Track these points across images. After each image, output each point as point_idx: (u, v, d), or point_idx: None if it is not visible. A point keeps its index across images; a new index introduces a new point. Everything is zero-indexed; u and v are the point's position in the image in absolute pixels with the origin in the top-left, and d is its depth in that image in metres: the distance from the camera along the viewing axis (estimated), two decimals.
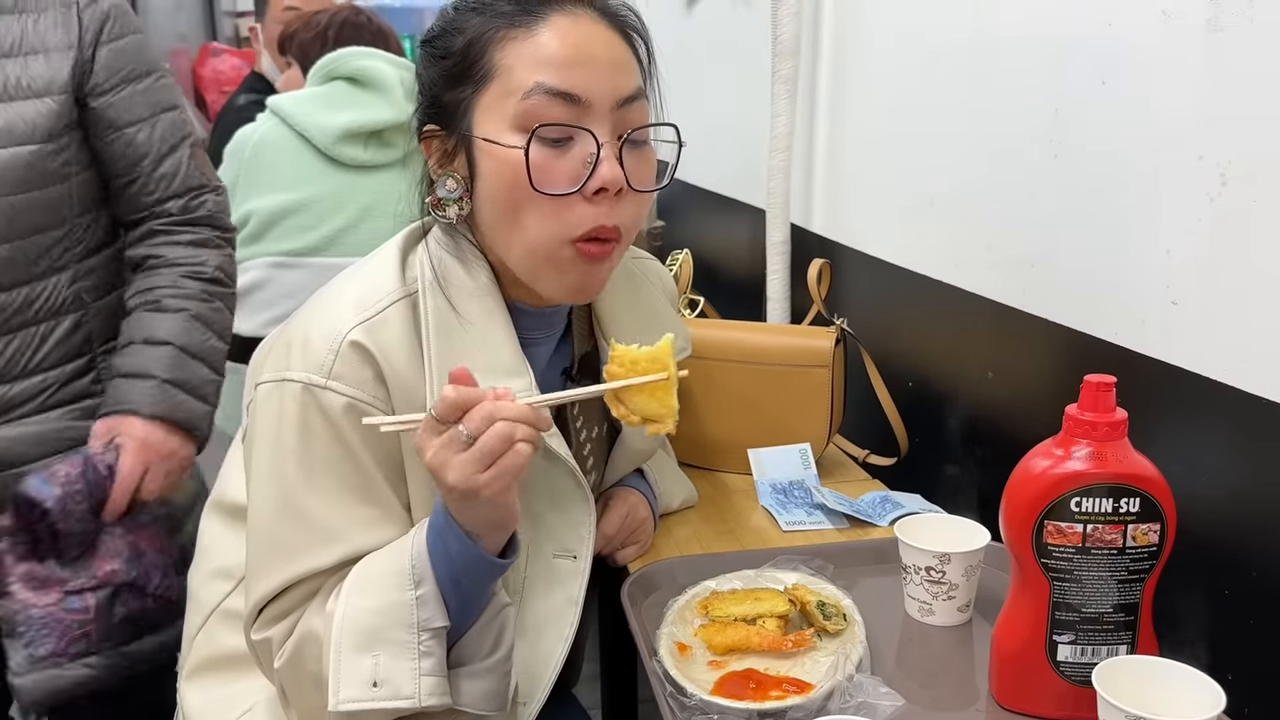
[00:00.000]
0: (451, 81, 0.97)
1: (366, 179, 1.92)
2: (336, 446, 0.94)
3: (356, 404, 0.94)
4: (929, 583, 1.08)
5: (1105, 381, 0.87)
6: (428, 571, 0.91)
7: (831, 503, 1.32)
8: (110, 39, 1.34)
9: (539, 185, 0.93)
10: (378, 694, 0.89)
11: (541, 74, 0.93)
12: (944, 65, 1.40)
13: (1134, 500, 0.87)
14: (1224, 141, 0.96)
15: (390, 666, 0.90)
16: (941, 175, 1.43)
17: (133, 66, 1.35)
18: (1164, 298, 1.04)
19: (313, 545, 0.94)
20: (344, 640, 0.90)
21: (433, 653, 0.91)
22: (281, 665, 0.95)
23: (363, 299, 0.97)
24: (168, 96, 1.39)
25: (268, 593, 0.95)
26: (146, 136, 1.36)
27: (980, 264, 1.35)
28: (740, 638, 1.01)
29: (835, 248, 1.73)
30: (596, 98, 0.94)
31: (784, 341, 1.45)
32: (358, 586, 0.92)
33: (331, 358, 0.94)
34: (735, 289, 2.17)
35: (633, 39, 1.00)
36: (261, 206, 1.93)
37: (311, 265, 1.91)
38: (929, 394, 1.48)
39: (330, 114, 1.92)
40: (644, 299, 1.17)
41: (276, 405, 0.95)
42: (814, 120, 1.80)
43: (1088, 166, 1.14)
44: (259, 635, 0.96)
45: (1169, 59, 1.02)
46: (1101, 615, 0.89)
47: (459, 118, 0.97)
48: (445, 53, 0.98)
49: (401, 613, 0.90)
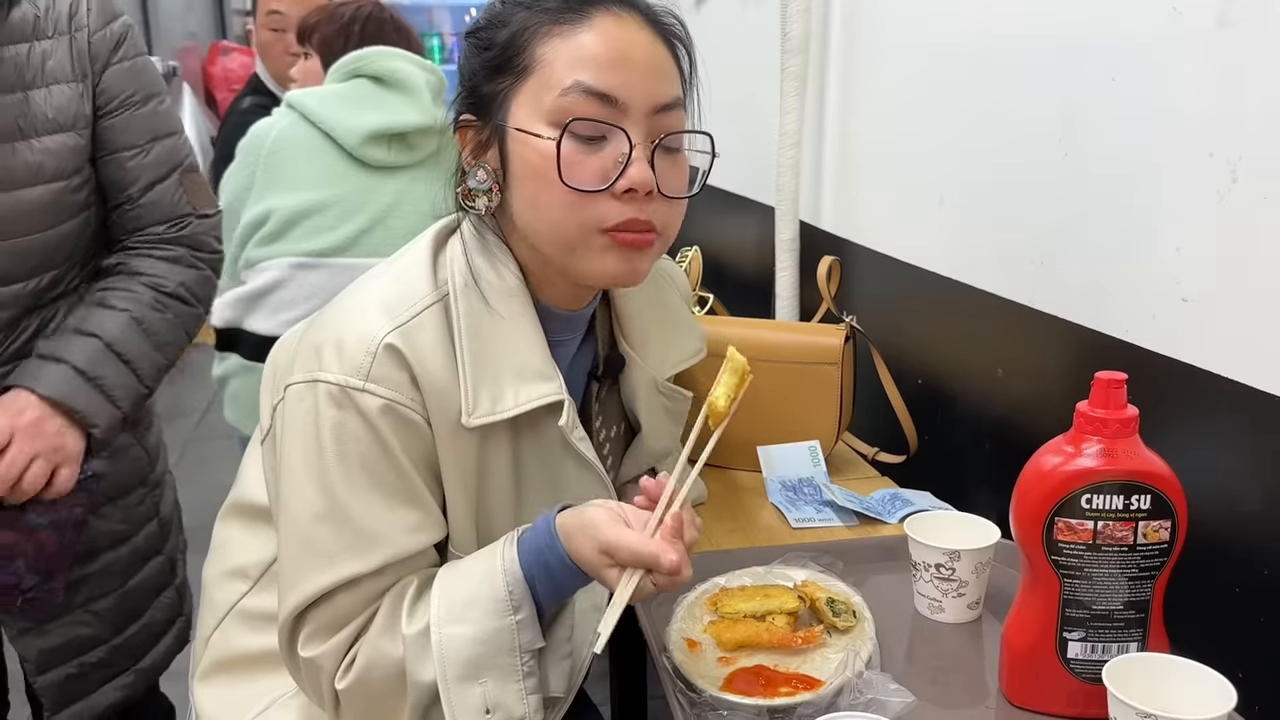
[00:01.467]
0: (492, 73, 0.97)
1: (388, 180, 1.90)
2: (375, 448, 0.93)
3: (394, 406, 0.93)
4: (939, 580, 1.08)
5: (1116, 378, 0.87)
6: (526, 596, 0.92)
7: (841, 500, 1.33)
8: (117, 62, 1.32)
9: (568, 179, 0.93)
10: (491, 719, 0.91)
11: (581, 72, 0.93)
12: (954, 62, 1.40)
13: (1145, 497, 0.86)
14: (1234, 138, 0.96)
15: (499, 691, 0.91)
16: (951, 172, 1.43)
17: (134, 90, 1.33)
18: (1174, 295, 1.04)
19: (353, 548, 0.93)
20: (449, 672, 0.91)
21: (534, 672, 0.93)
22: (347, 686, 0.93)
23: (396, 303, 0.97)
24: (164, 123, 1.37)
25: (308, 597, 0.94)
26: (138, 163, 1.33)
27: (990, 261, 1.35)
28: (750, 634, 1.02)
29: (845, 245, 1.73)
30: (634, 101, 0.94)
31: (793, 339, 1.45)
32: (449, 615, 0.92)
33: (369, 360, 0.93)
34: (744, 286, 2.17)
35: (675, 47, 1.00)
36: (282, 205, 1.90)
37: (332, 266, 1.88)
38: (939, 391, 1.48)
39: (357, 114, 1.89)
40: (662, 300, 1.18)
41: (311, 407, 0.95)
42: (823, 117, 1.79)
43: (1098, 163, 1.14)
44: (309, 652, 0.95)
45: (1179, 56, 1.02)
46: (1112, 612, 0.89)
47: (495, 108, 0.97)
48: (488, 44, 0.98)
49: (503, 638, 0.92)
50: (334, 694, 0.95)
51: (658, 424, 1.17)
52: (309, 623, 0.95)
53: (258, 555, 1.07)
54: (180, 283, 1.36)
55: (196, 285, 1.38)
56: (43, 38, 1.26)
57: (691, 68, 1.02)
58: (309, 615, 0.95)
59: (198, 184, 1.40)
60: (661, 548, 0.87)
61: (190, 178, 1.38)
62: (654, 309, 1.15)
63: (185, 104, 5.08)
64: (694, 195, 1.02)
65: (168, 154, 1.35)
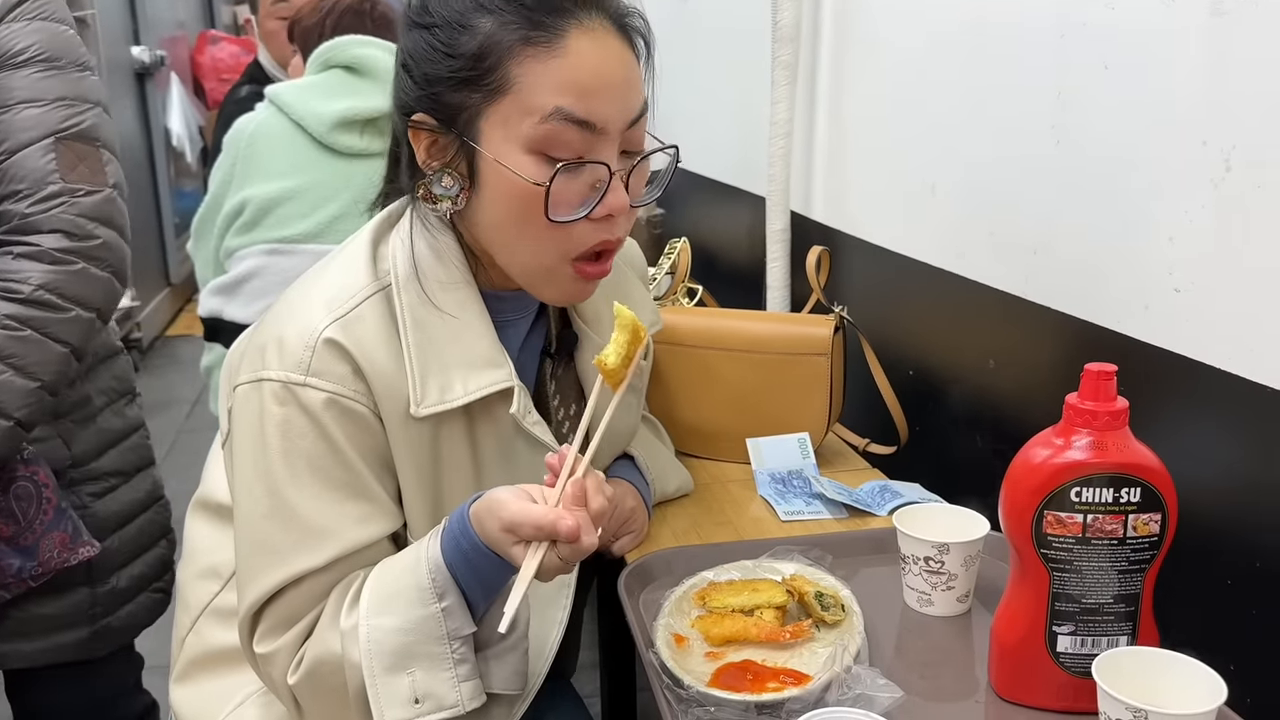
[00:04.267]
0: (458, 85, 0.94)
1: (361, 166, 1.90)
2: (320, 443, 0.93)
3: (337, 399, 0.93)
4: (928, 573, 1.07)
5: (1106, 370, 0.86)
6: (449, 583, 0.91)
7: (830, 492, 1.32)
8: (15, 19, 1.23)
9: (553, 215, 0.93)
10: (422, 709, 0.90)
11: (563, 99, 0.91)
12: (945, 50, 1.39)
13: (1135, 490, 0.86)
14: (1228, 127, 0.95)
15: (428, 681, 0.91)
16: (943, 162, 1.42)
17: (24, 47, 1.22)
18: (1167, 285, 1.03)
19: (303, 544, 0.93)
20: (375, 664, 0.90)
21: (466, 659, 0.92)
22: (297, 681, 0.94)
23: (334, 296, 0.96)
24: (54, 86, 1.23)
25: (262, 595, 0.94)
26: (6, 122, 1.20)
27: (982, 251, 1.34)
28: (738, 629, 1.01)
29: (836, 235, 1.72)
30: (611, 124, 0.93)
31: (782, 330, 1.44)
32: (376, 607, 0.92)
33: (309, 354, 0.93)
34: (735, 277, 2.16)
35: (637, 44, 0.99)
36: (256, 194, 1.92)
37: (306, 252, 1.90)
38: (929, 382, 1.47)
39: (326, 102, 1.91)
40: (615, 275, 1.17)
41: (256, 406, 0.94)
42: (814, 107, 1.78)
43: (1090, 152, 1.13)
44: (263, 649, 0.95)
45: (1172, 44, 1.00)
46: (1102, 606, 0.88)
47: (462, 121, 0.95)
48: (451, 50, 0.94)
49: (430, 626, 0.91)
50: (289, 690, 0.95)
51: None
52: (264, 620, 0.95)
53: (227, 553, 1.06)
54: (40, 284, 1.19)
55: (63, 284, 1.20)
56: None
57: (650, 55, 1.02)
58: (264, 613, 0.95)
59: (79, 154, 1.23)
60: (559, 514, 0.85)
61: (69, 145, 1.22)
62: (607, 285, 1.14)
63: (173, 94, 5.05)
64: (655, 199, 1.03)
65: (45, 117, 1.21)
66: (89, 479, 1.41)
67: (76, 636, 1.40)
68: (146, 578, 1.49)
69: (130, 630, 1.47)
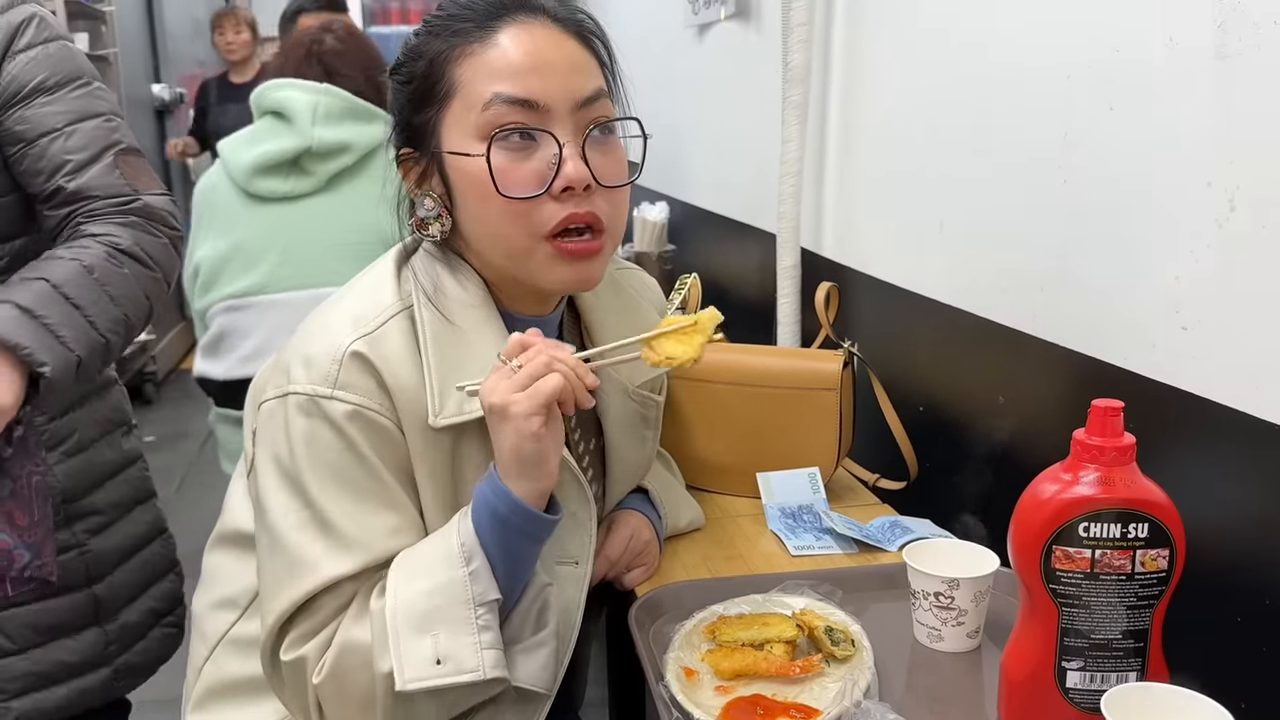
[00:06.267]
0: (417, 104, 1.01)
1: (291, 210, 1.89)
2: (346, 454, 0.95)
3: (362, 411, 0.95)
4: (938, 608, 1.07)
5: (1113, 406, 0.87)
6: (477, 548, 0.92)
7: (841, 527, 1.32)
8: (21, 49, 1.24)
9: (504, 189, 0.96)
10: (442, 670, 0.90)
11: (498, 84, 0.96)
12: (953, 91, 1.41)
13: (1143, 525, 0.86)
14: (1232, 167, 0.96)
15: (451, 643, 0.90)
16: (951, 200, 1.43)
17: (46, 75, 1.24)
18: (1174, 323, 1.04)
19: (333, 553, 0.94)
20: (400, 624, 0.91)
21: (490, 626, 0.92)
22: (321, 680, 0.94)
23: (360, 315, 0.99)
24: (88, 105, 1.27)
25: (290, 605, 0.94)
26: (60, 146, 1.24)
27: (990, 288, 1.35)
28: (748, 663, 1.01)
29: (846, 272, 1.73)
30: (555, 101, 0.96)
31: (791, 364, 1.45)
32: (406, 574, 0.93)
33: (336, 368, 0.95)
34: (746, 313, 2.17)
35: (590, 41, 1.02)
36: (207, 254, 1.94)
37: (258, 304, 1.90)
38: (939, 418, 1.48)
39: (247, 149, 1.90)
40: (634, 310, 1.19)
41: (282, 420, 0.96)
42: (824, 146, 1.80)
43: (1096, 192, 1.14)
44: (290, 655, 0.95)
45: (1176, 85, 1.02)
46: (1111, 641, 0.89)
47: (428, 137, 1.00)
48: (409, 78, 1.01)
49: (455, 590, 0.91)
50: (315, 697, 0.94)
51: (625, 431, 1.18)
52: (292, 629, 0.95)
53: (245, 583, 1.07)
54: (135, 242, 1.26)
55: (155, 249, 1.28)
56: None
57: (611, 57, 1.04)
58: (292, 622, 0.95)
59: (136, 166, 1.30)
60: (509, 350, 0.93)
61: (127, 159, 1.29)
62: (625, 319, 1.16)
63: None
64: (634, 180, 1.04)
65: (94, 135, 1.27)
66: (84, 514, 1.38)
67: (99, 678, 1.38)
68: (157, 612, 1.48)
69: (150, 667, 1.46)
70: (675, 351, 0.97)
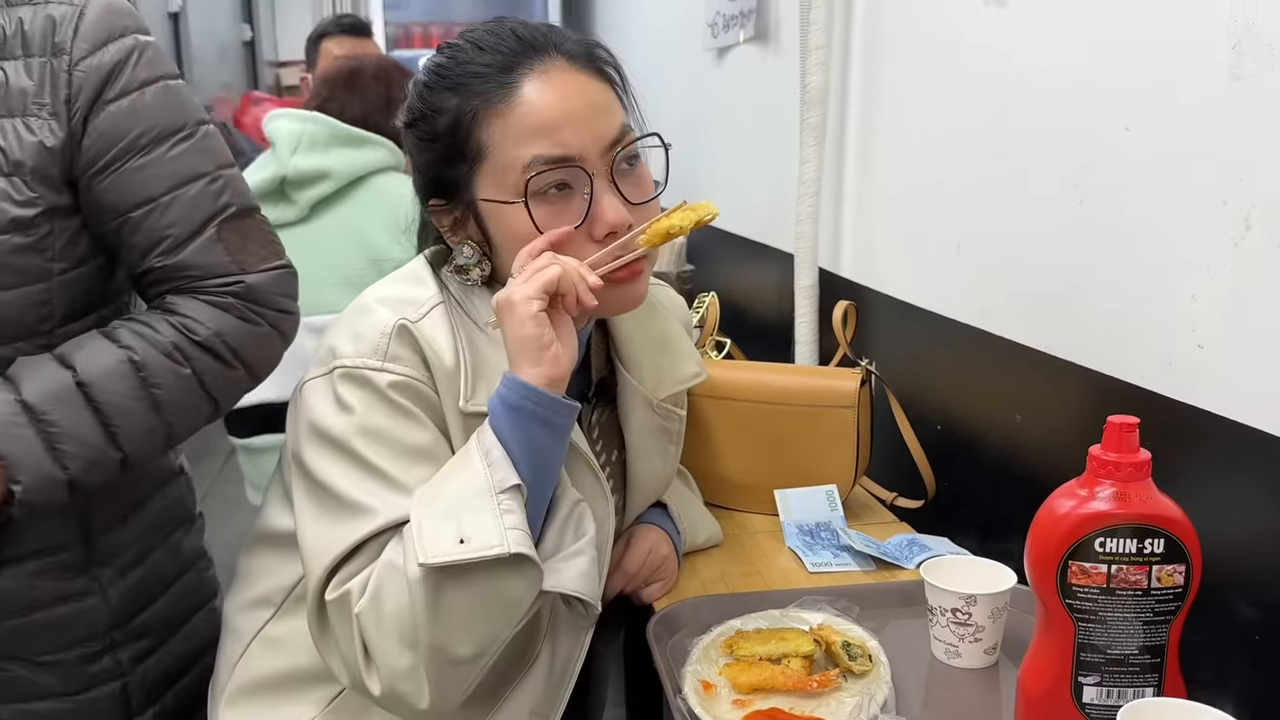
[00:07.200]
0: (447, 162, 1.02)
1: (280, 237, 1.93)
2: (395, 416, 0.97)
3: (411, 382, 0.98)
4: (955, 624, 1.07)
5: (1128, 422, 0.87)
6: (494, 441, 0.93)
7: (858, 545, 1.33)
8: (112, 98, 1.01)
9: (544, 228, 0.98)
10: (466, 548, 0.89)
11: (534, 146, 0.98)
12: (970, 113, 1.42)
13: (1159, 541, 0.87)
14: (1247, 187, 0.97)
15: (474, 524, 0.90)
16: (968, 219, 1.44)
17: (141, 130, 1.02)
18: (1190, 341, 1.04)
19: (391, 499, 0.95)
20: (423, 516, 0.92)
21: (513, 510, 0.91)
22: (362, 609, 0.93)
23: (403, 304, 1.01)
24: (188, 165, 1.05)
25: (342, 551, 0.95)
26: (156, 222, 1.03)
27: (1007, 307, 1.36)
28: (765, 677, 1.02)
29: (863, 291, 1.74)
30: (587, 149, 0.99)
31: (809, 382, 1.46)
32: (429, 483, 0.95)
33: (385, 341, 0.98)
34: (764, 332, 2.18)
35: (606, 72, 1.04)
36: None
37: None
38: (957, 437, 1.49)
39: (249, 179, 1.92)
40: (658, 325, 1.20)
41: (329, 392, 0.99)
42: (842, 166, 1.82)
43: (1113, 211, 1.15)
44: (335, 594, 0.95)
45: (1192, 106, 1.03)
46: (1127, 657, 0.89)
47: (461, 190, 1.02)
48: (432, 136, 1.03)
49: (476, 480, 0.92)
50: (359, 630, 0.93)
51: (647, 444, 1.19)
52: (340, 573, 0.95)
53: (281, 580, 1.08)
54: (217, 332, 1.04)
55: (242, 341, 1.06)
56: (11, 55, 1.00)
57: (623, 79, 1.06)
58: (341, 568, 0.95)
59: (246, 234, 1.08)
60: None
61: (232, 227, 1.07)
62: (650, 334, 1.18)
63: None
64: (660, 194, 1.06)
65: (196, 203, 1.05)
66: (130, 639, 1.13)
67: None
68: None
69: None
70: (674, 221, 1.00)
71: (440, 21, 5.66)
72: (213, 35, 5.84)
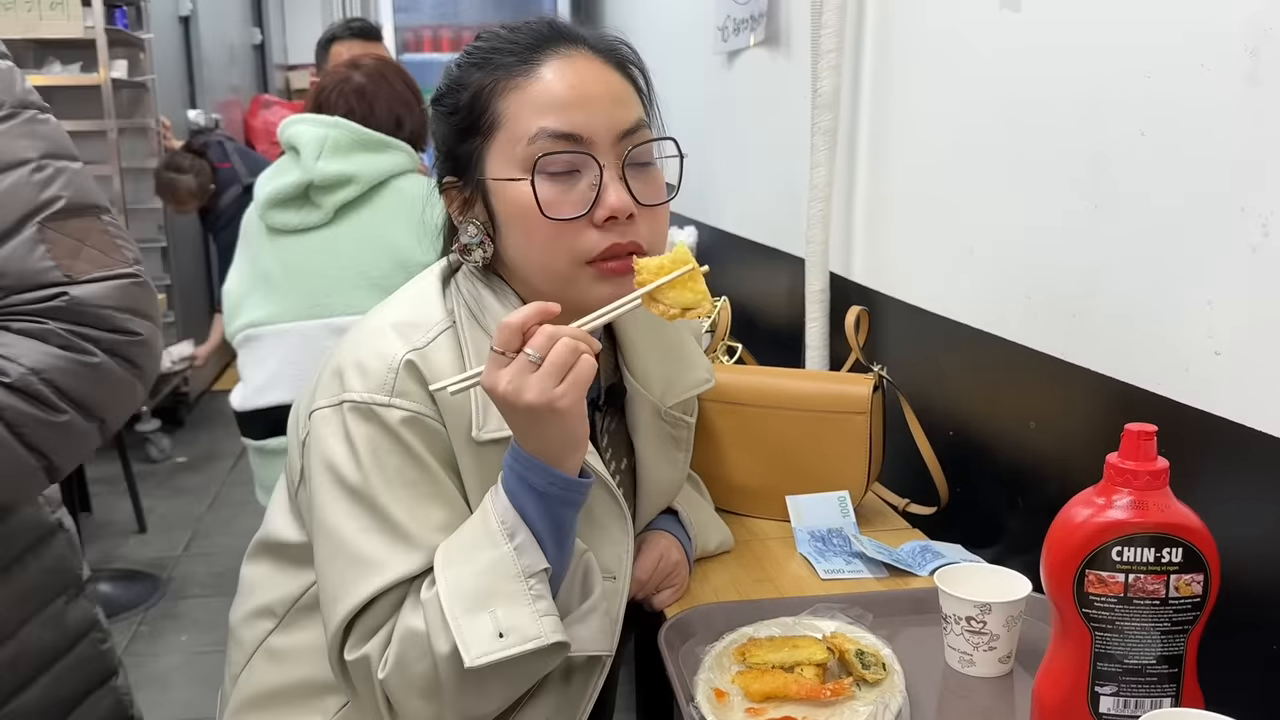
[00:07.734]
0: (462, 135, 1.03)
1: (302, 241, 1.95)
2: (406, 458, 0.97)
3: (419, 417, 0.98)
4: (970, 633, 1.07)
5: (1146, 430, 0.87)
6: (518, 522, 0.93)
7: (871, 551, 1.32)
8: None
9: (548, 212, 0.98)
10: (506, 642, 0.90)
11: (543, 119, 0.98)
12: (983, 116, 1.41)
13: (1176, 550, 0.86)
14: (1265, 193, 0.96)
15: (509, 615, 0.91)
16: (981, 224, 1.43)
17: None
18: (1206, 348, 1.04)
19: (399, 553, 0.96)
20: (455, 608, 0.92)
21: (543, 595, 0.93)
22: (386, 675, 0.94)
23: (412, 328, 1.01)
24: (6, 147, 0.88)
25: (357, 605, 0.95)
26: None
27: (1020, 313, 1.35)
28: (778, 685, 1.01)
29: (875, 296, 1.74)
30: (598, 134, 0.99)
31: (821, 388, 1.46)
32: (450, 560, 0.94)
33: (393, 377, 0.98)
34: (775, 337, 2.18)
35: (629, 70, 1.05)
36: (233, 283, 2.03)
37: (272, 333, 1.96)
38: (970, 443, 1.48)
39: (268, 183, 1.98)
40: (666, 332, 1.20)
41: (339, 426, 0.98)
42: (853, 171, 1.81)
43: (1128, 216, 1.14)
44: (354, 655, 0.96)
45: (1209, 111, 1.02)
46: (1144, 666, 0.88)
47: (472, 167, 1.03)
48: (453, 109, 1.04)
49: (505, 565, 0.92)
50: (383, 692, 0.95)
51: (656, 451, 1.19)
52: (356, 629, 0.96)
53: (284, 592, 1.08)
54: (33, 369, 0.84)
55: (69, 378, 0.86)
56: None
57: (648, 85, 1.06)
58: (356, 622, 0.96)
59: (82, 236, 0.89)
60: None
61: (61, 227, 0.88)
62: (659, 341, 1.18)
63: None
64: (673, 198, 1.06)
65: (10, 194, 0.86)
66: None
67: None
68: None
69: None
70: (686, 299, 0.97)
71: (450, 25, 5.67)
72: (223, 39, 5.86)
